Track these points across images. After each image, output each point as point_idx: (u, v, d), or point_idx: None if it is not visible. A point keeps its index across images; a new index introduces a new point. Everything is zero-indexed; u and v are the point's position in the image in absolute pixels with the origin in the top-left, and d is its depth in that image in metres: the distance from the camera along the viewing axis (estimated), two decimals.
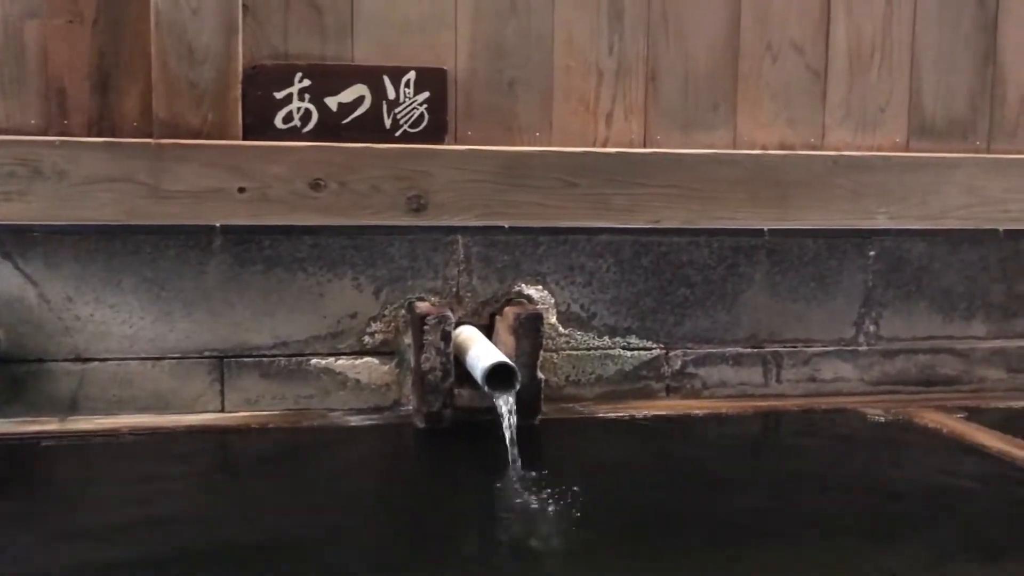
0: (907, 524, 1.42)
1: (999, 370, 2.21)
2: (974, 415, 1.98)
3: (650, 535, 1.35)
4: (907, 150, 2.19)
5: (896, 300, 2.16)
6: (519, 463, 1.60)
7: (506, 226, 1.99)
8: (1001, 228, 2.19)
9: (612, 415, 1.97)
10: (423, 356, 1.81)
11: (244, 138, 1.92)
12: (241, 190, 1.89)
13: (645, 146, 2.10)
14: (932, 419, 1.93)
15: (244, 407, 1.92)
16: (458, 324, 1.94)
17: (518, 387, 1.72)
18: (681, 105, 2.11)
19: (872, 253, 2.14)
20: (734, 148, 2.13)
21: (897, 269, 2.15)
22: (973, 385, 2.20)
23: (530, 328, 1.85)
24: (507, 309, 1.93)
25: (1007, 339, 2.21)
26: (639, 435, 1.92)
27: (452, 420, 1.84)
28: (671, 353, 2.08)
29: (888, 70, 2.18)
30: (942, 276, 2.17)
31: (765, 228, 2.10)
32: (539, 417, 1.88)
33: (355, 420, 1.90)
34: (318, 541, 1.33)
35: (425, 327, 1.81)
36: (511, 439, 1.63)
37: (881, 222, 2.15)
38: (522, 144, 2.04)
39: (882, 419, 1.97)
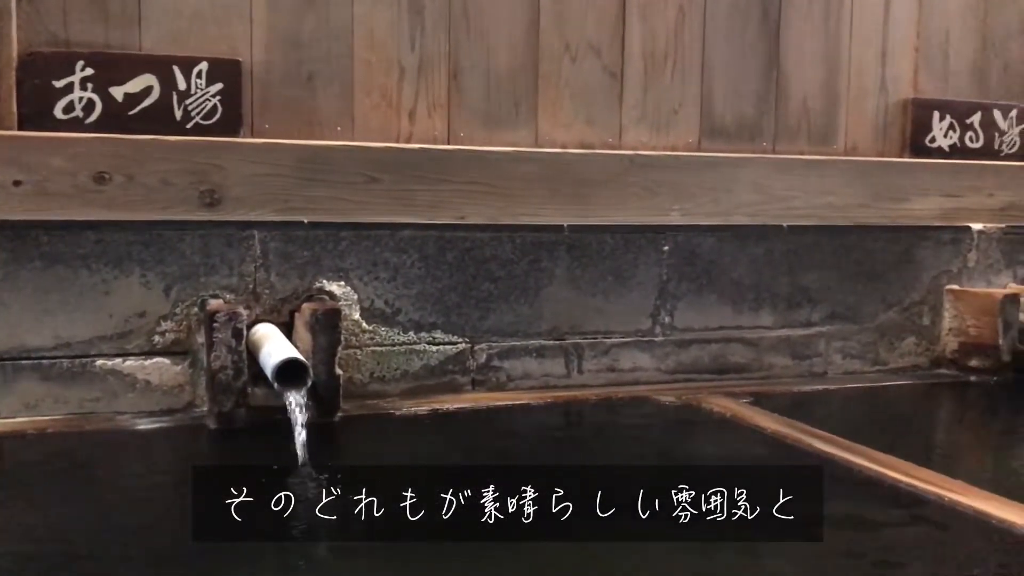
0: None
1: (785, 357, 2.36)
2: (759, 400, 2.10)
3: (433, 530, 1.35)
4: (699, 150, 2.31)
5: (689, 292, 2.26)
6: (308, 462, 1.57)
7: (306, 221, 1.97)
8: (785, 224, 2.33)
9: (417, 410, 1.97)
10: (213, 355, 1.76)
11: (20, 128, 1.81)
12: (17, 183, 1.79)
13: (449, 143, 2.12)
14: (719, 404, 2.03)
15: (22, 412, 1.81)
16: (257, 322, 1.90)
17: (310, 383, 1.70)
18: (484, 103, 2.14)
19: (666, 248, 2.24)
20: (536, 146, 2.18)
21: (690, 263, 2.26)
22: (762, 372, 2.34)
23: (327, 324, 1.83)
24: (305, 306, 1.90)
25: (792, 328, 2.36)
26: (442, 429, 1.93)
27: (246, 420, 1.79)
28: (476, 347, 2.11)
29: (681, 74, 2.28)
30: (731, 269, 2.30)
31: (565, 224, 2.16)
32: (339, 414, 1.86)
33: (144, 423, 1.83)
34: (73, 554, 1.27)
35: (215, 324, 1.76)
36: (301, 438, 1.61)
37: (675, 218, 2.25)
38: (323, 138, 2.01)
39: (674, 405, 2.06)
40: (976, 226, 2.51)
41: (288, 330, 1.92)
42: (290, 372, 1.69)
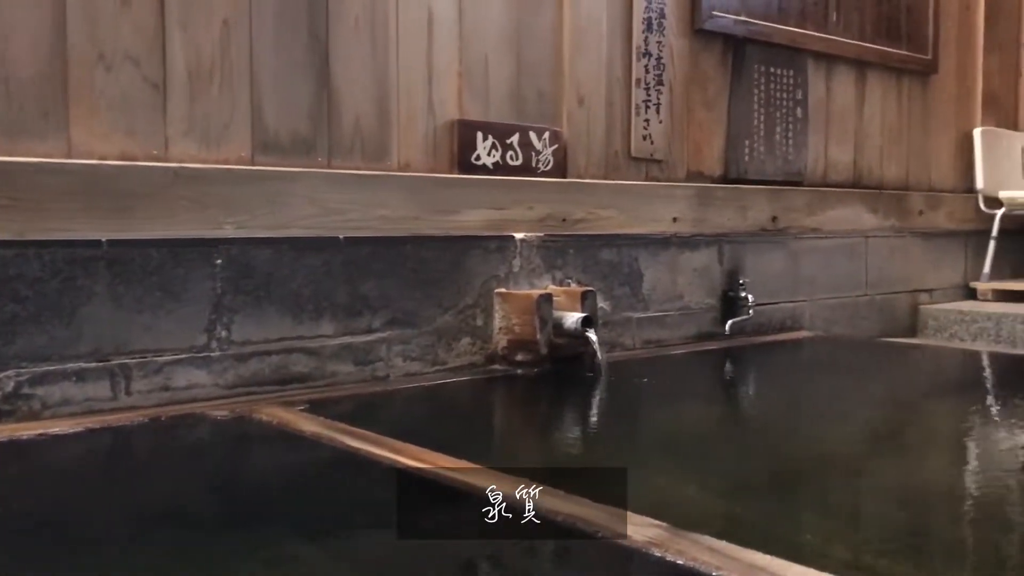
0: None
1: (348, 364, 2.45)
2: (316, 407, 2.15)
3: None
4: (252, 164, 2.33)
5: (247, 305, 2.27)
6: None
7: None
8: (342, 235, 2.43)
9: None
10: None
11: None
12: None
13: None
14: (269, 413, 2.06)
15: None
16: None
17: None
18: (5, 111, 1.99)
19: (219, 261, 2.23)
20: (70, 157, 2.06)
21: (246, 276, 2.27)
22: (326, 379, 2.41)
23: None
24: None
25: (353, 335, 2.46)
26: None
27: None
28: (2, 375, 1.95)
29: (229, 88, 2.29)
30: (290, 281, 2.34)
31: (104, 239, 2.07)
32: None
33: None
34: None
35: None
36: None
37: (228, 231, 2.25)
38: None
39: (225, 419, 2.05)
40: (519, 235, 2.79)
41: None
42: None
